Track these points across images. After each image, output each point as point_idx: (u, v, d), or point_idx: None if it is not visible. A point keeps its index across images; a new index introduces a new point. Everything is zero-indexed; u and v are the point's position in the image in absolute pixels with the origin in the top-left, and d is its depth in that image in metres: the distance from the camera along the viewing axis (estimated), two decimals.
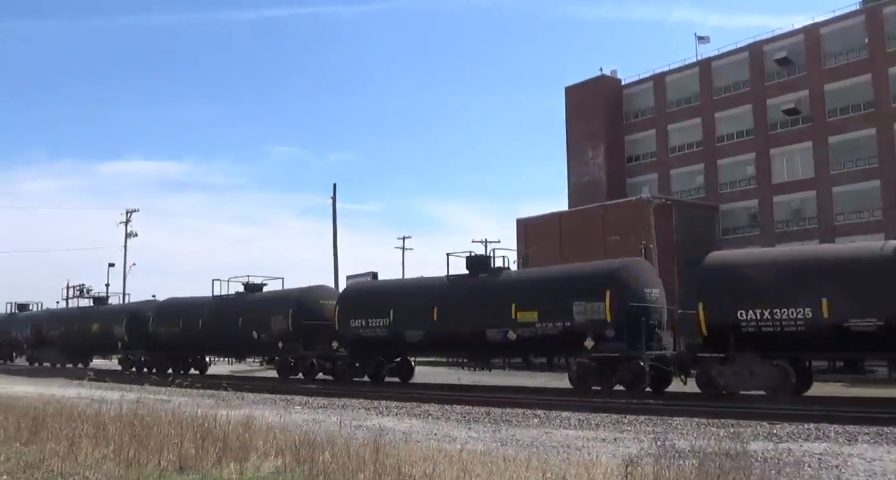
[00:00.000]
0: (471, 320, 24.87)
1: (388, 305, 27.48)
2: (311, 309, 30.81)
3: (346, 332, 28.46)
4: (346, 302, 29.43)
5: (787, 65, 56.17)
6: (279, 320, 31.18)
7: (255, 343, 32.55)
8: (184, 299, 38.84)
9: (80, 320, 44.59)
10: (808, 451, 10.66)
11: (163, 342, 37.02)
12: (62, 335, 45.76)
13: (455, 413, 16.76)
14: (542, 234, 57.43)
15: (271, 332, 31.38)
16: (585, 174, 64.96)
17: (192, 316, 35.74)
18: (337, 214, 51.58)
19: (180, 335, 36.14)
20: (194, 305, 36.64)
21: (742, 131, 58.25)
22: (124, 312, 41.85)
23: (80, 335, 44.04)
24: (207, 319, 34.84)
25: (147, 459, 8.84)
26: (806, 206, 54.51)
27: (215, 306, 35.01)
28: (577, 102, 66.31)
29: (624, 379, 21.50)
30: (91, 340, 43.50)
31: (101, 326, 42.54)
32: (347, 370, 28.44)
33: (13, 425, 11.93)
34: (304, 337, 30.28)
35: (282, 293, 34.14)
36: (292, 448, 9.07)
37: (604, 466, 8.08)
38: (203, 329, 34.86)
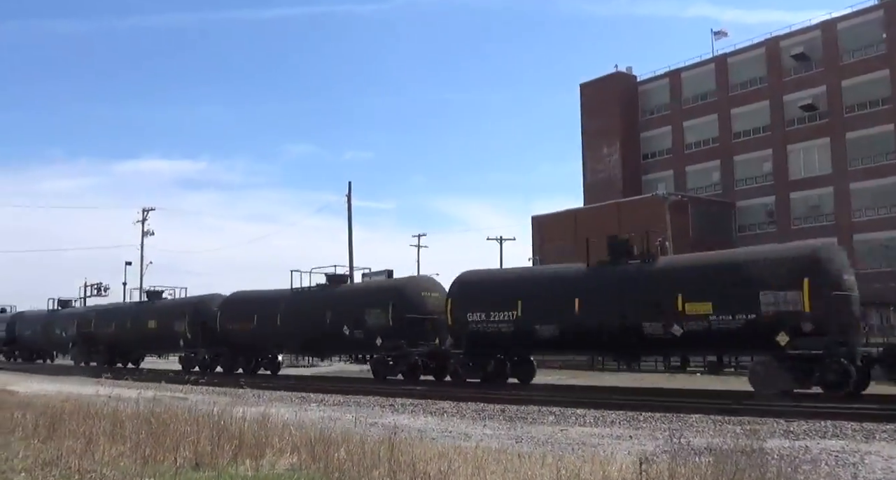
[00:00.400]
0: (622, 313, 21.87)
1: (515, 296, 24.38)
2: (412, 302, 27.98)
3: (460, 327, 25.56)
4: (462, 293, 26.10)
5: (804, 60, 55.86)
6: (376, 314, 28.17)
7: (346, 340, 29.46)
8: (255, 292, 36.05)
9: (135, 316, 41.25)
10: (826, 449, 10.59)
11: (232, 339, 34.10)
12: (114, 333, 42.42)
13: (470, 411, 16.76)
14: (557, 232, 57.38)
15: (366, 328, 28.42)
16: (601, 171, 64.81)
17: (268, 310, 32.82)
18: (352, 212, 51.72)
19: (254, 332, 33.14)
20: (269, 299, 33.80)
21: (758, 127, 57.97)
22: (186, 307, 38.28)
23: (134, 332, 40.75)
24: (287, 314, 31.82)
25: (163, 456, 8.88)
26: (823, 203, 54.20)
27: (295, 299, 32.06)
28: (592, 99, 66.17)
29: (825, 381, 18.56)
30: (147, 338, 40.40)
31: (160, 322, 39.07)
32: (461, 369, 25.65)
33: (31, 422, 12.01)
34: (406, 333, 27.25)
35: (379, 284, 31.34)
36: (308, 446, 9.09)
37: (619, 463, 8.06)
38: (282, 325, 31.91)
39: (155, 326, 39.07)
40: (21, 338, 52.71)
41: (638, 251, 23.41)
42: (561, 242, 54.48)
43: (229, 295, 36.54)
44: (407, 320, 27.22)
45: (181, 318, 37.40)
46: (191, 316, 36.81)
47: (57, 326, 48.67)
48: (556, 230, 57.85)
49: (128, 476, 7.85)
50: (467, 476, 7.27)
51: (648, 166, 64.31)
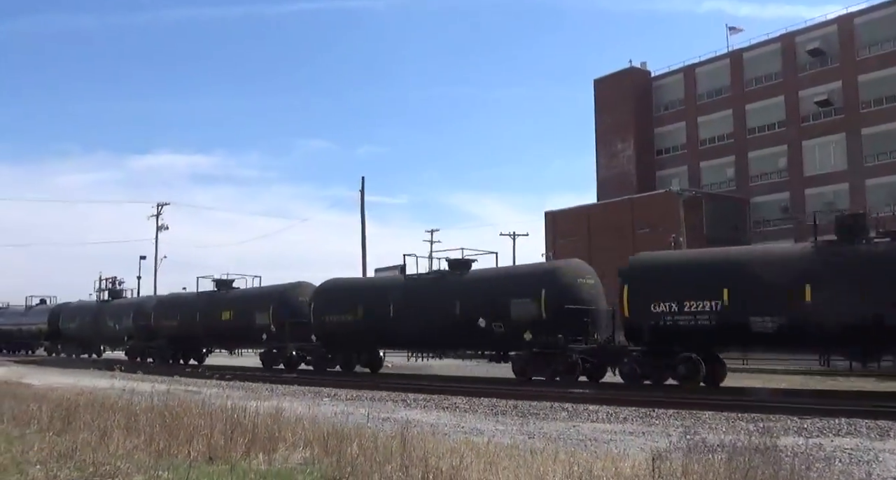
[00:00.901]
0: (868, 302, 18.36)
1: (718, 283, 20.64)
2: (569, 290, 24.26)
3: (640, 320, 21.76)
4: (643, 279, 22.47)
5: (820, 56, 55.52)
6: (524, 304, 24.37)
7: (481, 334, 25.40)
8: (357, 280, 33.26)
9: (206, 307, 37.05)
10: (839, 446, 10.55)
11: (332, 333, 30.14)
12: (179, 325, 38.32)
13: (482, 406, 16.76)
14: (570, 227, 57.33)
15: (510, 320, 24.53)
16: (614, 167, 64.64)
17: (377, 300, 28.98)
18: (365, 207, 51.76)
19: (360, 324, 29.23)
20: (378, 287, 30.45)
21: (773, 123, 57.67)
22: (270, 297, 34.28)
23: (204, 325, 36.80)
24: (402, 304, 27.96)
25: (177, 450, 8.93)
26: (839, 199, 53.82)
27: (412, 287, 28.34)
28: (605, 95, 65.99)
29: None
30: (220, 331, 36.47)
31: (237, 314, 35.02)
32: (639, 369, 21.75)
33: (46, 415, 12.10)
34: (563, 327, 23.37)
35: (525, 269, 27.89)
36: (320, 440, 9.12)
37: (631, 460, 8.05)
38: (395, 317, 27.96)
39: (231, 318, 35.23)
40: (66, 331, 48.95)
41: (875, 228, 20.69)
42: (574, 238, 54.44)
43: (324, 284, 32.56)
44: (565, 311, 23.30)
45: (264, 309, 33.49)
46: (276, 307, 32.99)
47: (109, 318, 44.54)
48: (569, 226, 57.79)
49: (142, 469, 7.90)
50: (479, 472, 7.27)
51: (662, 162, 64.09)
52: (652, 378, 21.56)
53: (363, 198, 51.82)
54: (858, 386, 22.41)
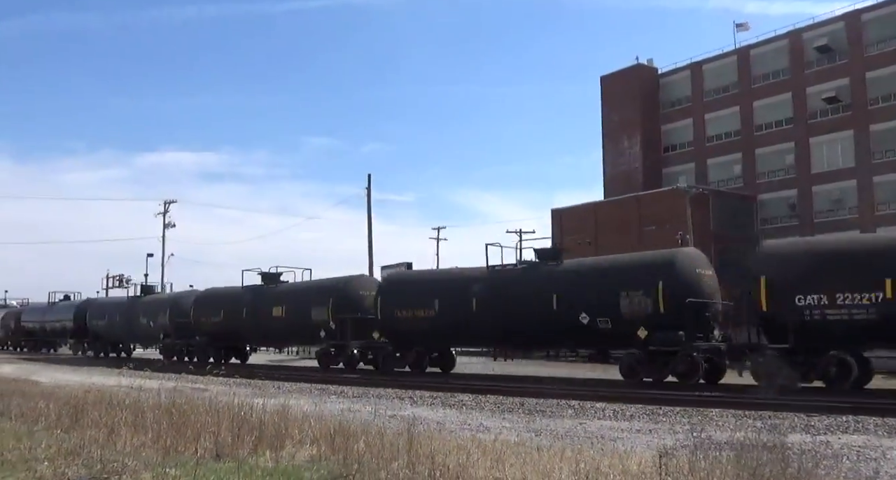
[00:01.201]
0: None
1: (878, 273, 18.34)
2: (687, 282, 21.94)
3: (782, 315, 19.43)
4: (785, 270, 20.04)
5: (828, 52, 55.30)
6: (637, 298, 22.11)
7: (581, 330, 23.06)
8: (428, 272, 30.98)
9: (254, 302, 34.36)
10: (847, 444, 10.52)
11: (403, 329, 27.58)
12: (222, 322, 35.70)
13: (489, 404, 16.77)
14: (577, 224, 57.21)
15: (619, 315, 22.32)
16: (621, 164, 64.51)
17: (458, 294, 26.28)
18: (371, 205, 51.75)
19: (437, 320, 26.56)
20: (456, 280, 27.55)
21: (781, 120, 57.47)
22: (328, 291, 31.24)
23: (252, 322, 34.33)
24: (486, 298, 25.46)
25: (185, 447, 8.95)
26: (846, 196, 53.69)
27: (498, 280, 25.89)
28: (612, 91, 65.84)
29: None
30: (270, 329, 33.87)
31: (290, 310, 32.41)
32: (779, 371, 18.84)
33: (54, 412, 12.15)
34: (684, 323, 21.19)
35: (636, 259, 25.04)
36: (327, 437, 9.13)
37: (638, 457, 8.04)
38: (478, 311, 25.49)
39: (283, 314, 32.49)
40: (94, 329, 46.40)
41: None
42: (581, 235, 54.35)
43: (392, 276, 30.73)
44: (687, 306, 21.11)
45: (321, 304, 30.67)
46: (335, 302, 30.22)
47: (143, 314, 41.98)
48: (575, 223, 57.67)
49: (149, 466, 7.92)
50: (486, 469, 7.27)
51: (669, 159, 63.94)
52: (799, 379, 18.78)
53: (370, 195, 51.85)
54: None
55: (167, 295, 43.57)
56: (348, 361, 29.72)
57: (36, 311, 55.30)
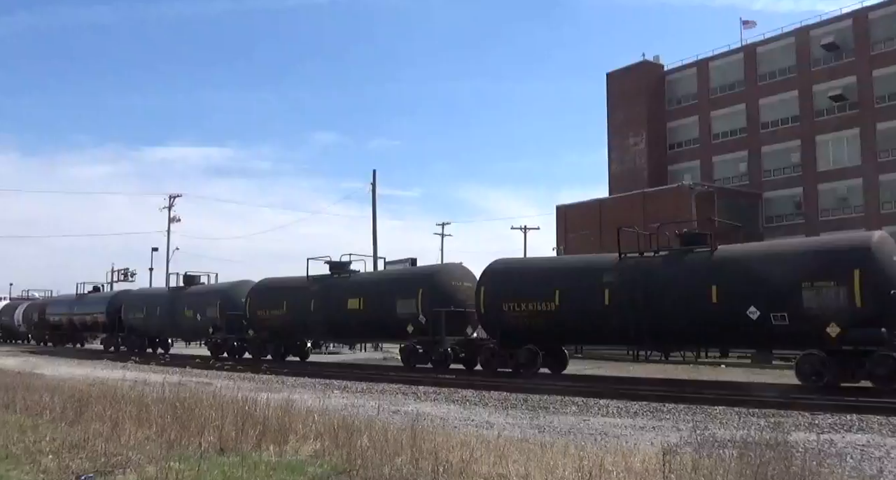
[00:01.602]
0: None
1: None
2: (890, 271, 18.57)
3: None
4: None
5: (835, 50, 55.13)
6: (826, 290, 18.75)
7: (749, 327, 19.68)
8: (543, 260, 27.39)
9: (324, 294, 30.90)
10: (851, 442, 10.51)
11: (514, 325, 24.02)
12: (285, 316, 32.32)
13: (492, 400, 16.77)
14: (581, 221, 57.10)
15: (800, 310, 18.98)
16: (626, 161, 64.40)
17: (584, 286, 22.97)
18: (377, 200, 51.76)
19: (559, 315, 23.17)
20: (582, 270, 24.11)
21: (787, 118, 57.32)
22: (416, 280, 27.93)
23: (325, 315, 30.69)
24: (622, 290, 22.14)
25: (188, 441, 8.97)
26: (852, 194, 53.55)
27: (634, 269, 22.62)
28: (618, 88, 65.69)
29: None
30: (342, 323, 30.43)
31: (371, 302, 29.01)
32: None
33: (59, 406, 12.19)
34: (887, 318, 18.09)
35: (817, 245, 22.27)
36: (331, 432, 9.15)
37: (641, 454, 8.04)
38: (612, 305, 22.22)
39: (361, 307, 29.13)
40: (130, 323, 42.91)
41: None
42: (586, 232, 54.27)
43: (497, 265, 26.33)
44: (891, 299, 18.03)
45: (409, 296, 27.42)
46: (426, 293, 26.94)
47: (188, 307, 38.66)
48: (580, 220, 57.57)
49: (153, 460, 7.95)
50: (489, 465, 7.28)
51: (675, 156, 63.81)
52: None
53: (374, 191, 51.93)
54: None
55: (217, 286, 39.40)
56: (442, 359, 26.18)
57: (62, 303, 51.85)
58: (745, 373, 25.00)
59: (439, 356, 26.27)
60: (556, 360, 25.09)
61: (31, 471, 7.88)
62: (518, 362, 24.05)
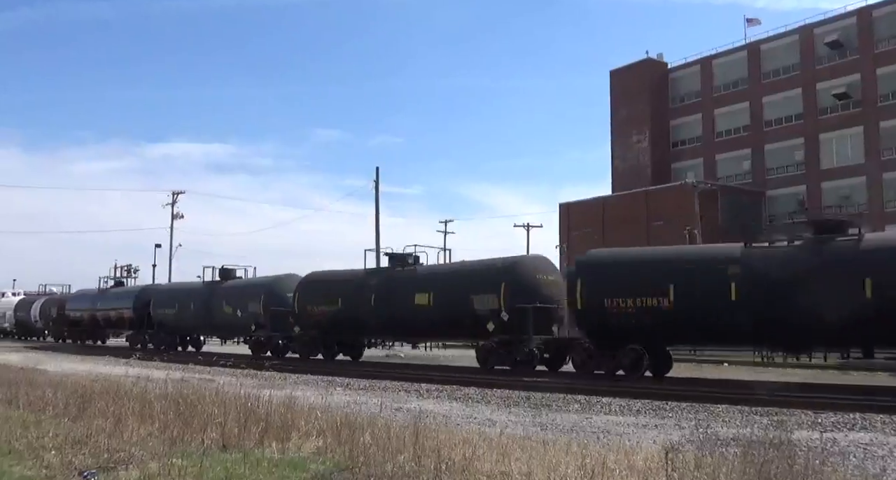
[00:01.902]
0: None
1: None
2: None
3: None
4: None
5: (839, 48, 55.07)
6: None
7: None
8: (647, 251, 24.84)
9: (386, 288, 28.40)
10: (854, 441, 10.49)
11: (617, 323, 21.55)
12: (338, 312, 29.62)
13: (495, 397, 16.75)
14: (585, 219, 57.16)
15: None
16: (630, 158, 64.38)
17: (706, 279, 20.37)
18: (379, 197, 51.71)
19: (671, 312, 20.65)
20: (704, 260, 21.42)
21: (791, 116, 57.29)
22: (496, 273, 25.28)
23: (387, 311, 27.98)
24: (748, 284, 19.49)
25: (191, 437, 8.98)
26: (855, 193, 53.49)
27: (765, 262, 19.94)
28: (622, 86, 65.66)
29: None
30: (409, 319, 27.54)
31: (441, 297, 26.43)
32: None
33: (62, 401, 12.20)
34: None
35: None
36: (333, 429, 9.15)
37: (644, 452, 8.03)
38: (740, 300, 19.46)
39: (430, 303, 26.54)
40: (160, 319, 40.18)
41: None
42: (589, 230, 54.29)
43: (595, 256, 24.25)
44: None
45: (489, 291, 24.93)
46: (508, 287, 24.50)
47: (227, 302, 35.73)
48: (583, 217, 57.61)
49: (156, 456, 7.95)
50: (492, 463, 7.27)
51: (678, 154, 63.77)
52: None
53: (377, 188, 51.81)
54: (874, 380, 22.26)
55: (259, 280, 36.73)
56: (527, 359, 23.90)
57: (83, 298, 48.77)
58: (749, 372, 24.98)
59: (524, 356, 23.97)
60: (659, 363, 22.35)
61: (34, 467, 7.89)
62: (620, 363, 21.60)
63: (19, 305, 59.65)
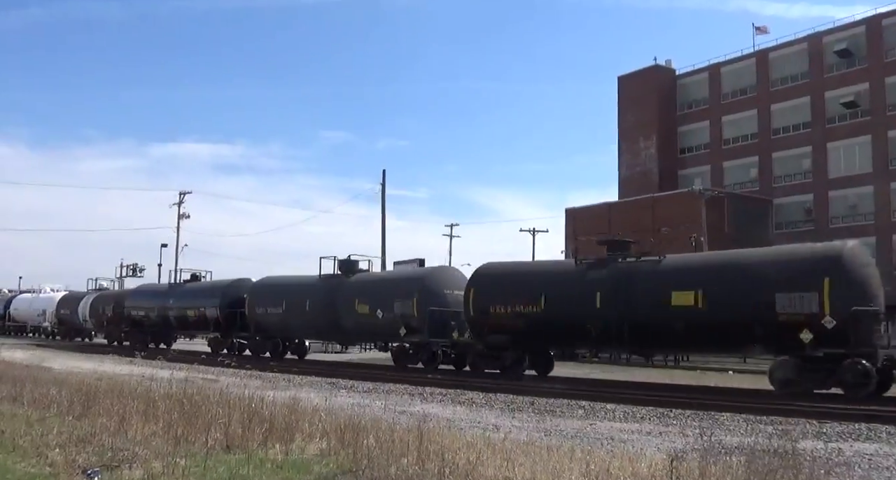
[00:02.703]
0: None
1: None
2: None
3: None
4: None
5: (848, 57, 54.99)
6: None
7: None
8: None
9: (615, 282, 22.01)
10: (859, 451, 10.45)
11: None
12: (540, 315, 22.98)
13: (499, 402, 16.73)
14: (591, 225, 56.96)
15: None
16: (637, 165, 64.32)
17: None
18: (385, 200, 51.71)
19: None
20: None
21: (798, 124, 57.21)
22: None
23: (624, 313, 21.31)
24: None
25: (195, 437, 8.98)
26: (862, 202, 53.36)
27: None
28: (629, 92, 65.62)
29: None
30: (666, 324, 20.67)
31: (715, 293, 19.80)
32: None
33: (66, 399, 12.22)
34: None
35: None
36: (337, 432, 9.14)
37: (648, 459, 8.01)
38: None
39: (704, 305, 19.88)
40: (259, 319, 33.62)
41: None
42: (595, 235, 54.18)
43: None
44: None
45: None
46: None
47: (360, 300, 29.46)
48: (590, 223, 57.44)
49: (160, 456, 7.95)
50: (496, 468, 7.26)
51: (685, 161, 63.71)
52: None
53: (384, 191, 51.87)
54: None
55: (408, 273, 31.01)
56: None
57: (149, 295, 42.78)
58: (753, 380, 24.90)
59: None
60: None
61: (38, 464, 7.90)
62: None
63: (63, 302, 52.24)
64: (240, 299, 34.75)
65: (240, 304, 34.54)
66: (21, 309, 60.82)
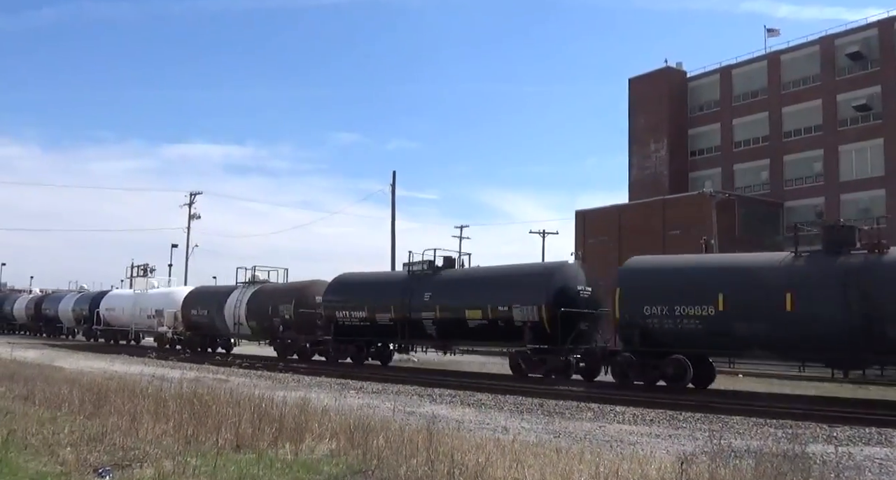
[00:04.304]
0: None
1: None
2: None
3: None
4: None
5: (860, 59, 54.69)
6: None
7: None
8: None
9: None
10: (869, 456, 10.41)
11: None
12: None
13: (508, 404, 16.74)
14: (601, 227, 56.94)
15: None
16: (647, 167, 64.13)
17: None
18: (395, 202, 51.72)
19: None
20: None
21: (810, 127, 56.93)
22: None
23: None
24: None
25: (205, 437, 9.01)
26: (875, 205, 53.07)
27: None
28: (640, 94, 65.44)
29: None
30: None
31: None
32: None
33: (78, 399, 12.27)
34: None
35: None
36: (347, 432, 9.17)
37: (658, 462, 8.01)
38: None
39: None
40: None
41: None
42: (605, 238, 54.11)
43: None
44: None
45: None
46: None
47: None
48: (600, 225, 57.39)
49: (170, 455, 7.98)
50: (505, 469, 7.27)
51: (696, 163, 63.50)
52: None
53: (394, 192, 51.86)
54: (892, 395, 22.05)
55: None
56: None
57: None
58: (764, 384, 24.84)
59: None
60: None
61: (50, 463, 7.93)
62: None
63: (188, 301, 40.15)
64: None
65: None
66: (118, 307, 46.22)
